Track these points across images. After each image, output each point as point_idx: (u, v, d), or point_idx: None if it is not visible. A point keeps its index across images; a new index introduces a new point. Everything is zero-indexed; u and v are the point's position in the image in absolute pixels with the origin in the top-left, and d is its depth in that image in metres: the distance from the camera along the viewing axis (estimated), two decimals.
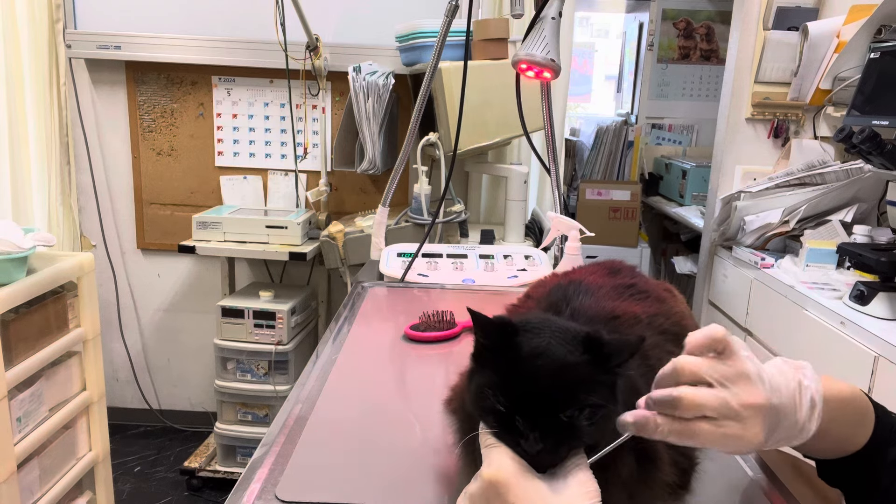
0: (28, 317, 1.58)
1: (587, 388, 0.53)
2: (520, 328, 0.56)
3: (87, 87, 2.58)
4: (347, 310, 1.22)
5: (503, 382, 0.54)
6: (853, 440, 0.65)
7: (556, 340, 0.54)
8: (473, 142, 1.87)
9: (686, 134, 3.64)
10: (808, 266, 1.96)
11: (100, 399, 1.87)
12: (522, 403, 0.53)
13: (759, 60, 2.28)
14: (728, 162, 2.39)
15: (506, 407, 0.53)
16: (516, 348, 0.55)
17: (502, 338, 0.55)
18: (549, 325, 0.57)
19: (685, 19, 3.54)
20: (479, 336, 0.58)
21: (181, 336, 2.81)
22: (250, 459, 0.70)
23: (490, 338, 0.56)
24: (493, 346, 0.56)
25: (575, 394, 0.53)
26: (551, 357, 0.53)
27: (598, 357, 0.54)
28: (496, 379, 0.55)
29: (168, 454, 2.68)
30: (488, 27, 1.98)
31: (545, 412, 0.52)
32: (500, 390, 0.54)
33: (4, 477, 1.47)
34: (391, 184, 1.63)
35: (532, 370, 0.53)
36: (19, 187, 2.31)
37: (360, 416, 0.81)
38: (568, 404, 0.52)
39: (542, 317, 0.59)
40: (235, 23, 2.48)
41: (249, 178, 2.65)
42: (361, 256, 2.05)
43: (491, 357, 0.56)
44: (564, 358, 0.53)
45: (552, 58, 1.19)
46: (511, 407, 0.53)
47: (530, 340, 0.55)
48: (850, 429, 0.64)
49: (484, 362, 0.57)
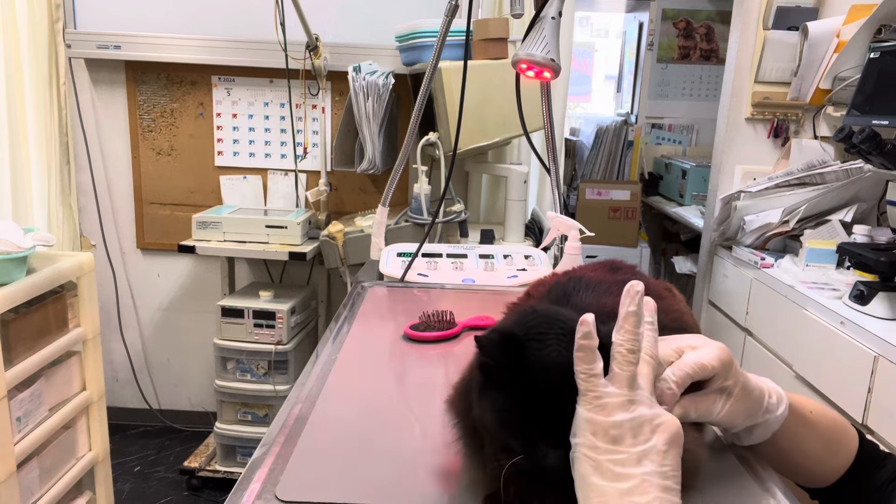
0: (28, 317, 1.58)
1: None
2: (524, 339, 0.55)
3: (87, 86, 2.58)
4: (347, 310, 1.22)
5: (521, 404, 0.53)
6: (830, 460, 0.68)
7: (563, 346, 0.54)
8: (473, 142, 1.87)
9: (686, 134, 3.65)
10: (807, 266, 1.96)
11: (99, 399, 1.87)
12: (545, 422, 0.53)
13: (759, 60, 2.28)
14: (728, 162, 2.39)
15: (530, 428, 0.53)
16: (527, 364, 0.53)
17: (509, 356, 0.54)
18: (551, 325, 0.56)
19: (685, 19, 3.54)
20: (484, 359, 0.56)
21: (181, 336, 2.81)
22: (250, 459, 0.69)
23: (497, 358, 0.55)
24: (501, 365, 0.55)
25: None
26: (563, 368, 0.53)
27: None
28: (513, 401, 0.54)
29: (168, 454, 2.68)
30: (488, 27, 1.98)
31: (567, 427, 0.52)
32: (521, 412, 0.53)
33: (4, 477, 1.47)
34: (391, 184, 1.63)
35: (547, 387, 0.53)
36: (19, 187, 2.31)
37: (360, 416, 0.81)
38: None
39: (542, 315, 0.58)
40: (235, 23, 2.48)
41: (249, 177, 2.65)
42: (361, 256, 2.05)
43: (501, 376, 0.55)
44: (572, 366, 0.53)
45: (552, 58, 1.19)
46: (534, 427, 0.53)
47: (538, 351, 0.54)
48: (823, 444, 0.68)
49: (495, 381, 0.56)
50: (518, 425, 0.53)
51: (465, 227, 1.99)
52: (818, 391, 1.70)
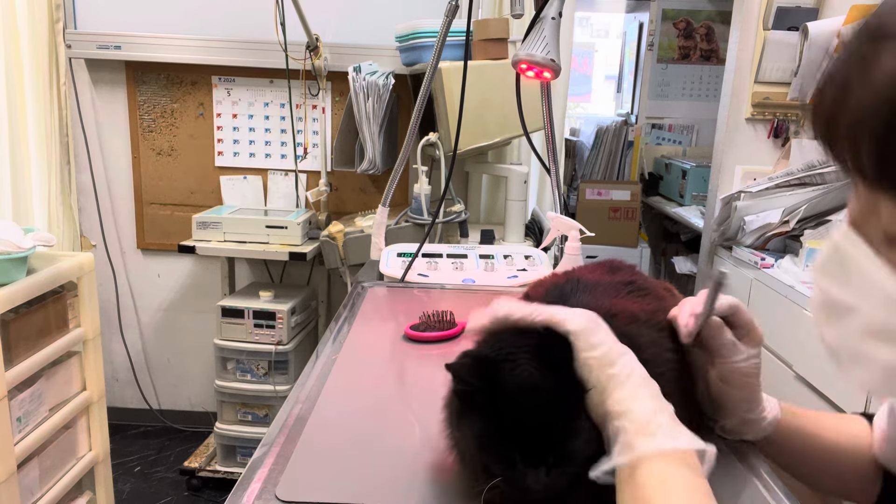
0: (28, 317, 1.58)
1: (573, 408, 0.55)
2: (497, 360, 0.56)
3: (87, 87, 2.58)
4: (347, 310, 1.22)
5: (498, 426, 0.54)
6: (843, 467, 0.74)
7: (533, 364, 0.55)
8: (473, 142, 1.87)
9: (686, 134, 3.65)
10: (808, 266, 1.96)
11: (100, 399, 1.87)
12: (522, 442, 0.53)
13: (759, 60, 2.28)
14: (728, 162, 2.39)
15: (509, 450, 0.54)
16: (501, 387, 0.54)
17: (482, 379, 0.55)
18: (518, 343, 0.56)
19: (685, 19, 3.54)
20: (458, 384, 0.57)
21: (181, 336, 2.81)
22: (250, 459, 0.70)
23: (470, 383, 0.56)
24: (475, 388, 0.56)
25: (569, 419, 0.54)
26: (534, 387, 0.54)
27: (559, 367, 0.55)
28: (490, 424, 0.55)
29: (168, 454, 2.68)
30: (488, 27, 1.98)
31: (546, 446, 0.53)
32: (499, 434, 0.54)
33: (4, 477, 1.47)
34: (391, 184, 1.63)
35: (522, 406, 0.54)
36: (19, 187, 2.31)
37: (360, 416, 0.81)
38: (566, 431, 0.54)
39: (510, 334, 0.59)
40: (235, 23, 2.48)
41: (249, 178, 2.65)
42: (361, 256, 2.05)
43: (477, 399, 0.56)
44: (545, 384, 0.54)
45: (552, 58, 1.19)
46: (513, 448, 0.54)
47: (511, 372, 0.55)
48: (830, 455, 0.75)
49: (471, 405, 0.57)
50: (497, 448, 0.54)
51: (465, 227, 1.99)
52: (818, 391, 1.70)
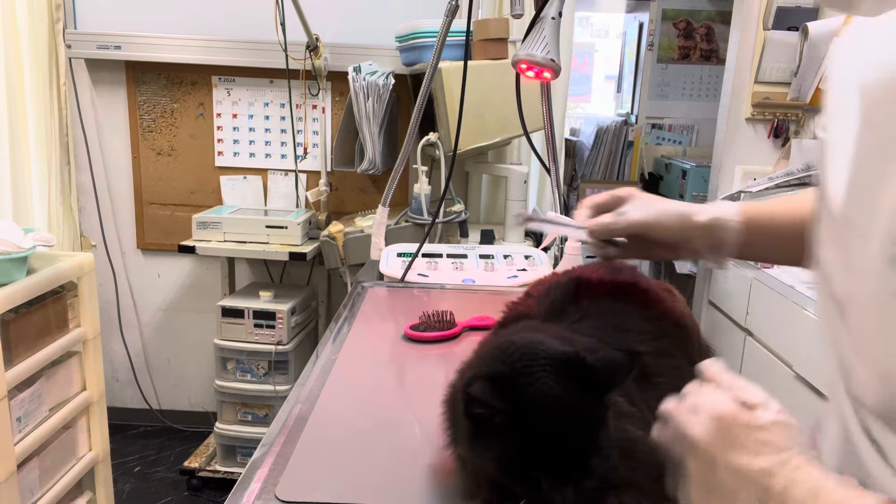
0: (28, 317, 1.58)
1: (593, 420, 0.52)
2: (512, 376, 0.53)
3: (87, 87, 2.58)
4: (347, 310, 1.22)
5: (521, 448, 0.52)
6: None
7: (551, 377, 0.52)
8: (473, 142, 1.87)
9: (686, 134, 3.65)
10: None
11: (100, 399, 1.87)
12: (546, 460, 0.51)
13: (759, 60, 2.28)
14: (728, 162, 2.39)
15: (533, 470, 0.52)
16: (521, 404, 0.52)
17: (503, 399, 0.52)
18: (534, 356, 0.54)
19: (685, 19, 3.54)
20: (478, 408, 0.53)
21: (181, 336, 2.80)
22: (250, 459, 0.70)
23: (492, 406, 0.52)
24: (497, 410, 0.52)
25: (589, 432, 0.52)
26: (555, 401, 0.52)
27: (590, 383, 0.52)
28: (512, 446, 0.52)
29: (168, 454, 2.68)
30: (488, 27, 1.98)
31: (570, 462, 0.51)
32: (521, 455, 0.52)
33: (4, 477, 1.47)
34: (391, 184, 1.63)
35: (543, 422, 0.51)
36: (19, 187, 2.31)
37: (360, 416, 0.81)
38: (588, 446, 0.52)
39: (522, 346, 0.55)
40: (235, 23, 2.48)
41: (249, 178, 2.65)
42: (361, 256, 2.05)
43: (498, 421, 0.52)
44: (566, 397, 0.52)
45: (552, 58, 1.19)
46: (538, 468, 0.52)
47: (529, 387, 0.52)
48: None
49: (487, 427, 0.53)
50: (519, 469, 0.52)
51: (465, 227, 1.99)
52: (818, 391, 1.70)
